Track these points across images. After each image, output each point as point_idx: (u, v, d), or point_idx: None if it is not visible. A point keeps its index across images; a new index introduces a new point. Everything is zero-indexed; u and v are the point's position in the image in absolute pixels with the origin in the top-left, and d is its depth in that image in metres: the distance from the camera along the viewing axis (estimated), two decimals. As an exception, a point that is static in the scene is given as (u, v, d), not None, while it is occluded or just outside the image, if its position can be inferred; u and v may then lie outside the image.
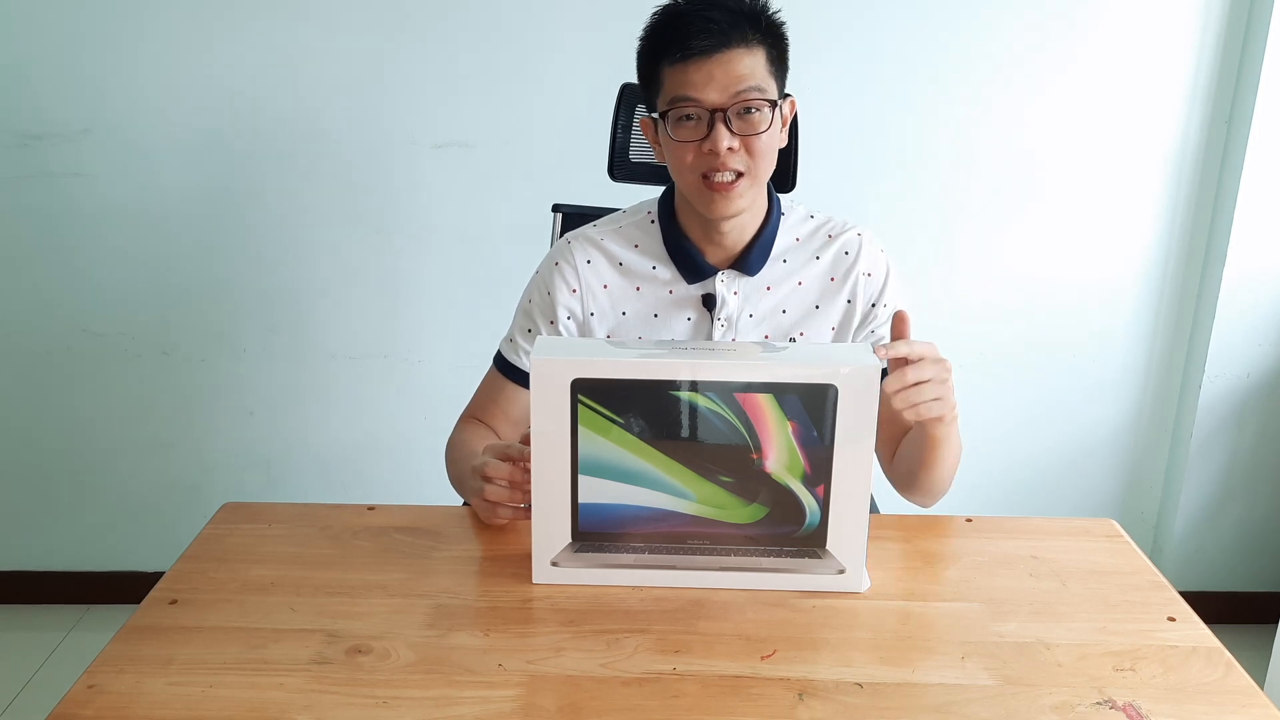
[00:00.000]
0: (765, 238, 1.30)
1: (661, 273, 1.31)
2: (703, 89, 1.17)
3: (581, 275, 1.32)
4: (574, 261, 1.32)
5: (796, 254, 1.32)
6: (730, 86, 1.17)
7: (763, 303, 1.31)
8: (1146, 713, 0.89)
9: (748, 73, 1.17)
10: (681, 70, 1.17)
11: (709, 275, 1.30)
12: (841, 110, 2.05)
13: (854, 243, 1.32)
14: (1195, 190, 2.11)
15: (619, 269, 1.32)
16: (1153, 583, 1.10)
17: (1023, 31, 2.02)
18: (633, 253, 1.32)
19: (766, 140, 1.20)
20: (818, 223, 1.34)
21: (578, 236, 1.35)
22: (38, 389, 2.22)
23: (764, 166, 1.22)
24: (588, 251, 1.33)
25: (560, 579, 1.07)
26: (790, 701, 0.90)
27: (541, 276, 1.35)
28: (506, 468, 1.11)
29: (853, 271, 1.31)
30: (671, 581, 1.06)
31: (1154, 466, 2.31)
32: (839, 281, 1.31)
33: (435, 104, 2.05)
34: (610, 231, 1.34)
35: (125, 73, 2.01)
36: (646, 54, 1.22)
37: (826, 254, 1.32)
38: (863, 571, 1.06)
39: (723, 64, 1.16)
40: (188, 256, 2.14)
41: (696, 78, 1.17)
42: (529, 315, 1.35)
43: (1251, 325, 2.13)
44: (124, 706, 0.89)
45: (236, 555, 1.12)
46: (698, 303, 1.31)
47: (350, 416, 2.25)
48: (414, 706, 0.89)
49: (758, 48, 1.18)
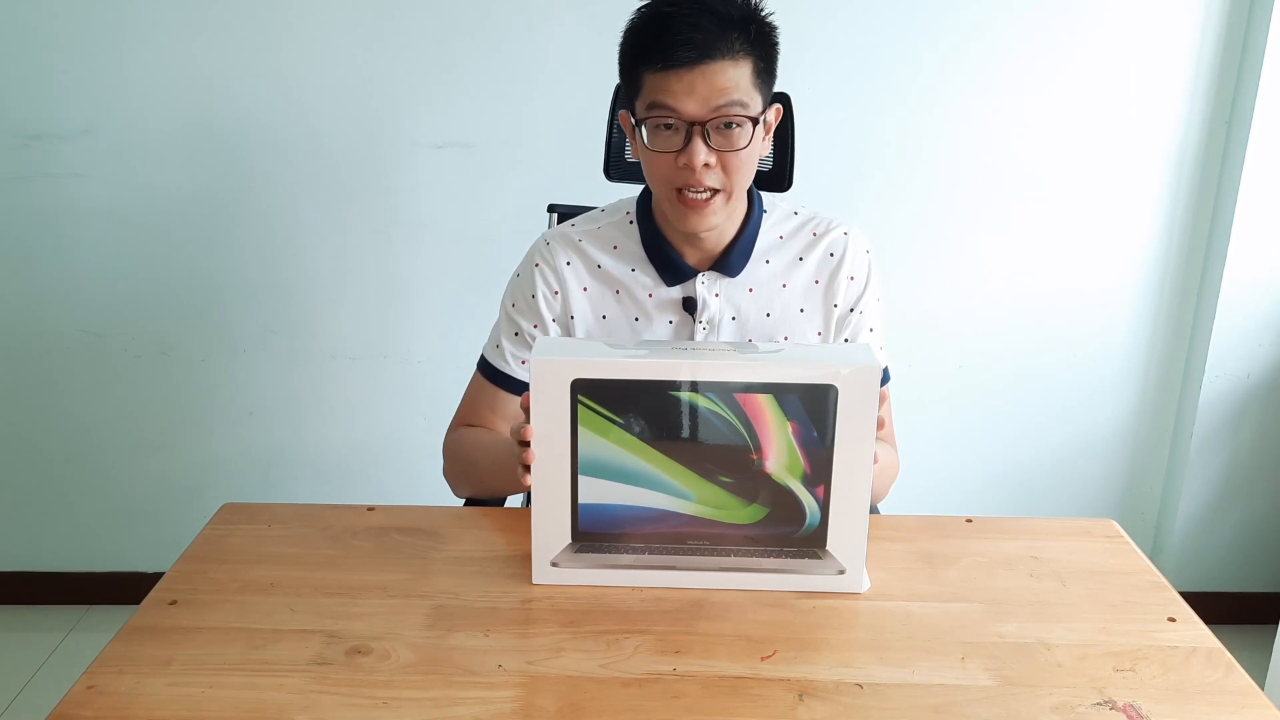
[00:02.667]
0: (746, 238, 1.27)
1: (641, 276, 1.29)
2: (682, 100, 1.12)
3: (562, 277, 1.29)
4: (554, 263, 1.30)
5: (780, 253, 1.29)
6: (711, 100, 1.12)
7: (745, 305, 1.28)
8: (1146, 713, 0.89)
9: (730, 86, 1.12)
10: (662, 78, 1.12)
11: (689, 277, 1.27)
12: (840, 111, 2.05)
13: (840, 243, 1.29)
14: (1195, 191, 2.11)
15: (597, 272, 1.30)
16: (1153, 583, 1.10)
17: (1023, 32, 2.02)
18: (611, 255, 1.30)
19: (745, 156, 1.16)
20: (802, 219, 1.31)
21: (556, 237, 1.32)
22: (38, 389, 2.22)
23: (741, 182, 1.19)
24: (567, 253, 1.30)
25: (560, 579, 1.07)
26: (790, 702, 0.90)
27: (522, 279, 1.32)
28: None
29: (838, 275, 1.29)
30: (671, 582, 1.06)
31: (1154, 467, 2.31)
32: (824, 285, 1.29)
33: (434, 105, 2.05)
34: (588, 233, 1.31)
35: (125, 73, 2.01)
36: (628, 53, 1.18)
37: (811, 255, 1.29)
38: (863, 572, 1.06)
39: (705, 76, 1.11)
40: (187, 257, 2.14)
41: (677, 87, 1.12)
42: (513, 320, 1.32)
43: (1251, 326, 2.13)
44: (124, 707, 0.89)
45: (236, 556, 1.12)
46: (678, 306, 1.28)
47: (350, 417, 2.25)
48: (414, 707, 0.89)
49: (744, 59, 1.13)
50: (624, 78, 1.21)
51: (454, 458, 1.34)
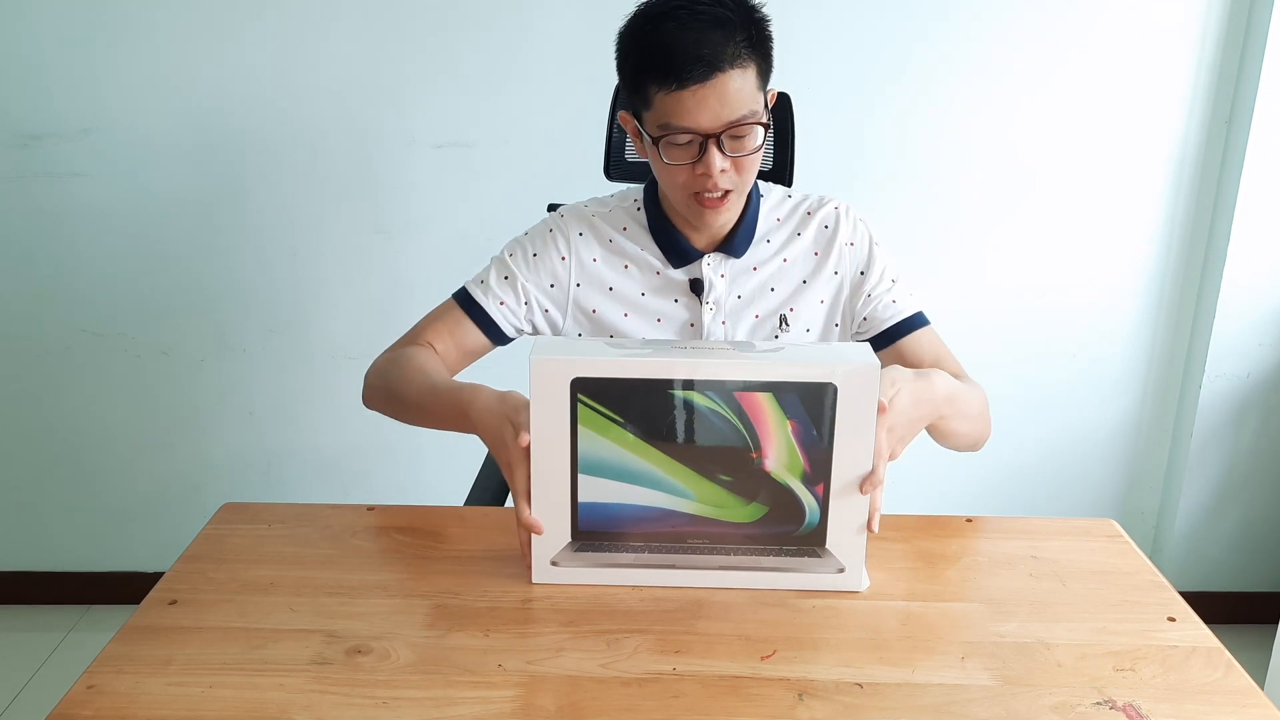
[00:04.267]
0: (748, 221, 1.31)
1: (649, 257, 1.33)
2: (696, 117, 1.14)
3: (573, 245, 1.33)
4: (567, 232, 1.34)
5: (779, 233, 1.34)
6: (724, 114, 1.14)
7: (750, 283, 1.32)
8: (1146, 713, 0.89)
9: (741, 97, 1.14)
10: (675, 99, 1.14)
11: (695, 259, 1.31)
12: (840, 111, 2.05)
13: (832, 216, 1.34)
14: (1195, 190, 2.11)
15: (609, 245, 1.34)
16: (1153, 583, 1.10)
17: (1023, 32, 2.02)
18: (621, 235, 1.34)
19: (756, 156, 1.21)
20: (795, 201, 1.36)
21: (570, 210, 1.37)
22: (38, 389, 2.22)
23: (751, 178, 1.24)
24: (580, 225, 1.34)
25: (560, 579, 1.07)
26: (790, 702, 0.90)
27: (531, 237, 1.35)
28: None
29: (834, 243, 1.33)
30: (671, 581, 1.06)
31: (1154, 466, 2.31)
32: (823, 255, 1.33)
33: (434, 104, 2.05)
34: (600, 212, 1.36)
35: (125, 73, 2.01)
36: (632, 62, 1.18)
37: (808, 230, 1.34)
38: (862, 571, 1.06)
39: (717, 90, 1.13)
40: (187, 256, 2.14)
41: (690, 104, 1.14)
42: (506, 265, 1.33)
43: (1251, 325, 2.13)
44: (123, 707, 0.89)
45: (236, 555, 1.12)
46: (685, 287, 1.32)
47: (350, 417, 2.25)
48: (414, 707, 0.89)
49: (749, 63, 1.15)
50: (627, 85, 1.21)
51: (386, 372, 1.28)
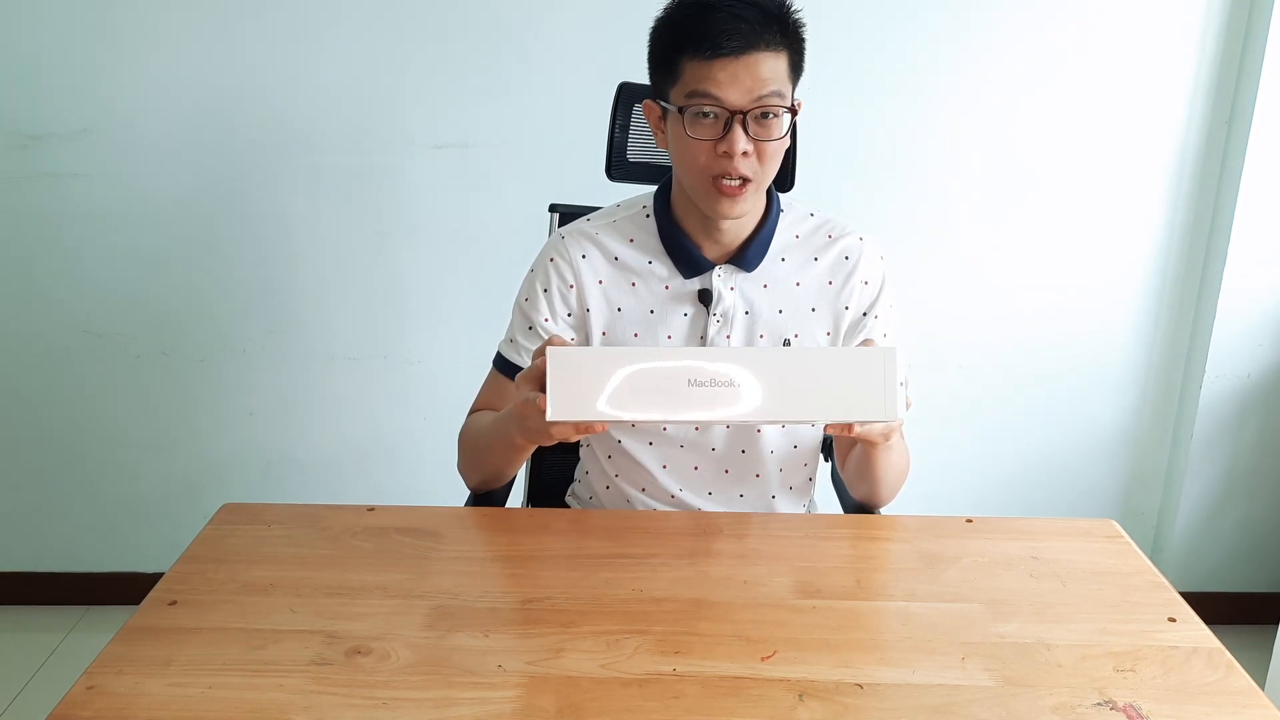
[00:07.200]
0: (764, 234, 1.29)
1: (658, 268, 1.31)
2: (726, 88, 1.15)
3: (577, 270, 1.31)
4: (569, 256, 1.32)
5: (795, 252, 1.31)
6: (754, 89, 1.15)
7: (759, 300, 1.30)
8: (1147, 713, 0.89)
9: (771, 76, 1.15)
10: (706, 67, 1.15)
11: (706, 270, 1.29)
12: (841, 111, 2.05)
13: (855, 248, 1.32)
14: (1195, 190, 2.11)
15: (614, 264, 1.31)
16: (1153, 583, 1.10)
17: (1023, 32, 2.02)
18: (628, 247, 1.32)
19: (778, 146, 1.19)
20: (818, 222, 1.34)
21: (572, 231, 1.34)
22: (38, 389, 2.22)
23: (771, 173, 1.22)
24: (582, 246, 1.32)
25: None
26: (790, 702, 0.90)
27: (536, 273, 1.34)
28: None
29: (852, 278, 1.31)
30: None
31: (1154, 466, 2.31)
32: (837, 286, 1.31)
33: (434, 105, 2.05)
34: (605, 226, 1.33)
35: (125, 73, 2.01)
36: (666, 41, 1.19)
37: (826, 256, 1.31)
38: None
39: (749, 65, 1.14)
40: (188, 257, 2.14)
41: (721, 76, 1.15)
42: (526, 314, 1.34)
43: (1251, 325, 2.13)
44: (123, 707, 0.89)
45: (236, 556, 1.12)
46: (694, 298, 1.30)
47: (350, 417, 2.25)
48: (414, 707, 0.89)
49: (782, 51, 1.16)
50: (658, 66, 1.22)
51: (463, 439, 1.35)
